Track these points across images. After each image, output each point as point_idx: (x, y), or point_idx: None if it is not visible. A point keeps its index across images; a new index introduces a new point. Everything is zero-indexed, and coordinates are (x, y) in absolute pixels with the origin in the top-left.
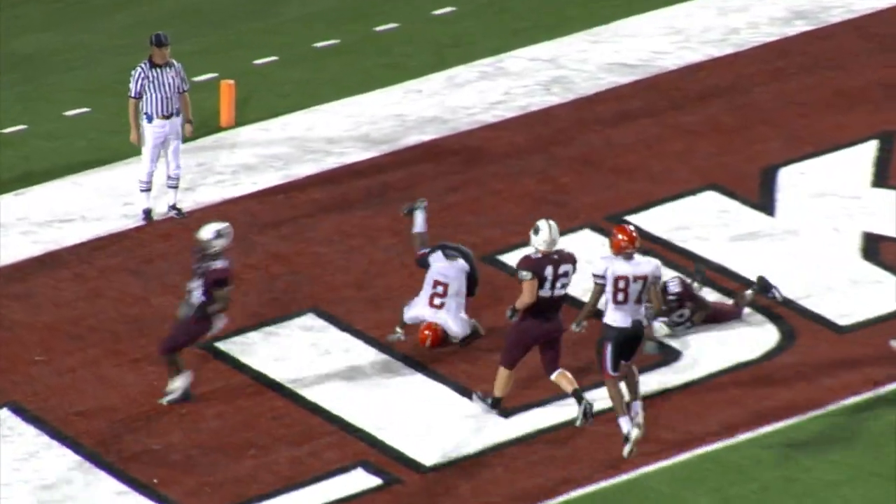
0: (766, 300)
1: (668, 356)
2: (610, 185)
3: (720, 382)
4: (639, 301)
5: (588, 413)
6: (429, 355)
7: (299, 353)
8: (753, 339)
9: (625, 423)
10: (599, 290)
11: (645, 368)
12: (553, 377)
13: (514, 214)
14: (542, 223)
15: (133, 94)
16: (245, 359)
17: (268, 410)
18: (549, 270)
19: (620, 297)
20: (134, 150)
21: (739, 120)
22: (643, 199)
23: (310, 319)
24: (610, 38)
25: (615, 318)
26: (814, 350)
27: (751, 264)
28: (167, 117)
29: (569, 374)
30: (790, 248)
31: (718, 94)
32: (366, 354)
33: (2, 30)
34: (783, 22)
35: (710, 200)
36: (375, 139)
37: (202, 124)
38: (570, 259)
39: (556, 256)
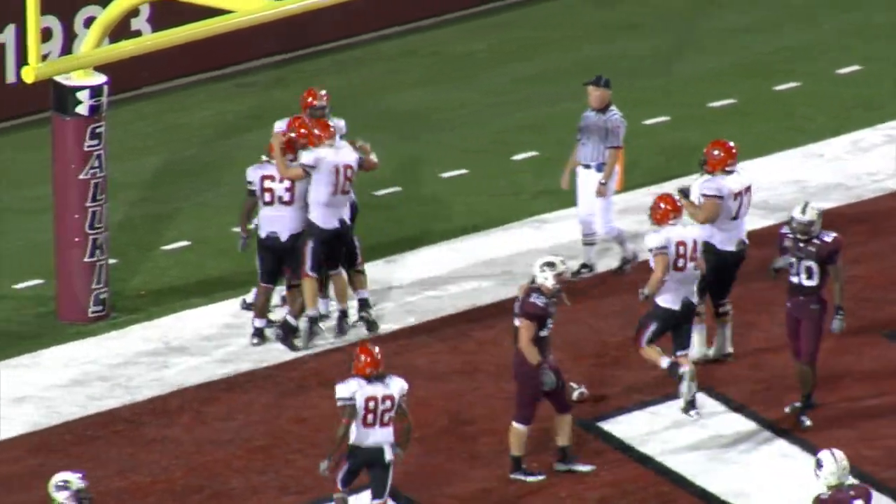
0: None
1: None
2: None
3: None
4: None
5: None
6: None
7: (687, 435)
8: None
9: None
10: None
11: None
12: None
13: None
14: (552, 257)
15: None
16: (629, 440)
17: (653, 497)
18: (553, 311)
19: None
20: (507, 217)
21: None
22: None
23: (699, 398)
24: None
25: None
26: None
27: None
28: (584, 167)
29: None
30: None
31: None
32: (761, 440)
33: (378, 85)
34: None
35: None
36: (773, 206)
37: None
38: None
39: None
